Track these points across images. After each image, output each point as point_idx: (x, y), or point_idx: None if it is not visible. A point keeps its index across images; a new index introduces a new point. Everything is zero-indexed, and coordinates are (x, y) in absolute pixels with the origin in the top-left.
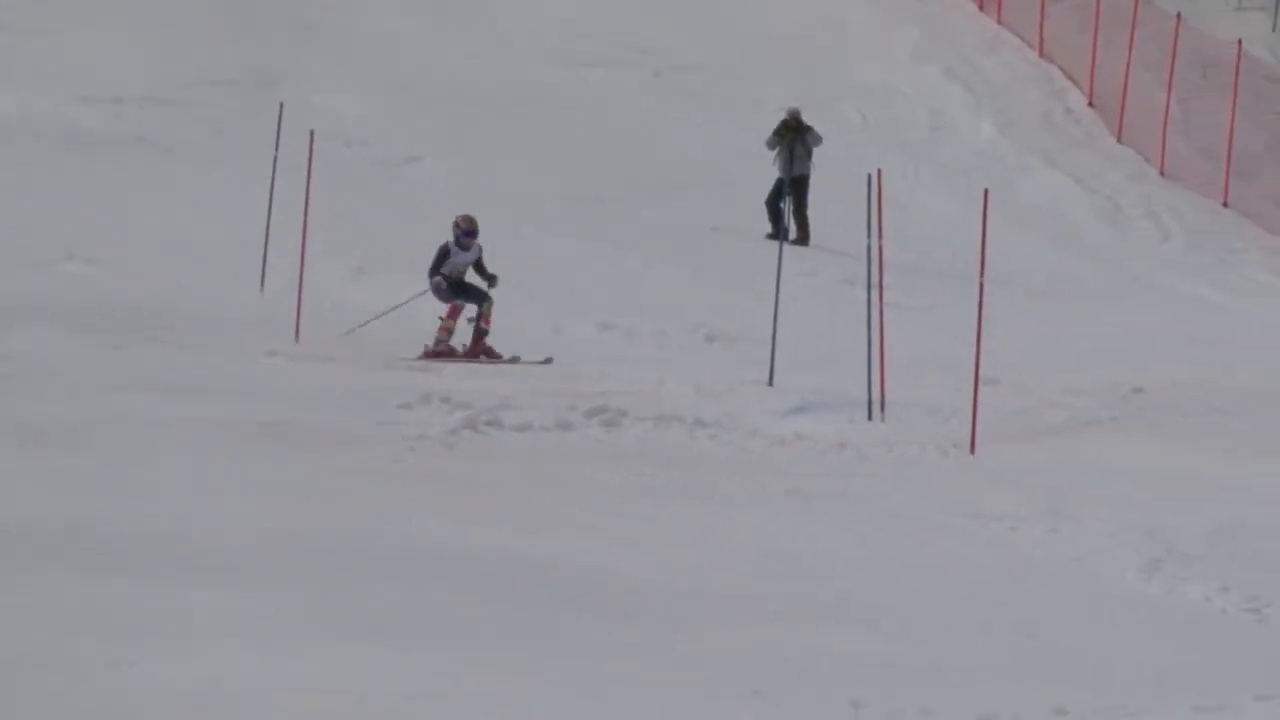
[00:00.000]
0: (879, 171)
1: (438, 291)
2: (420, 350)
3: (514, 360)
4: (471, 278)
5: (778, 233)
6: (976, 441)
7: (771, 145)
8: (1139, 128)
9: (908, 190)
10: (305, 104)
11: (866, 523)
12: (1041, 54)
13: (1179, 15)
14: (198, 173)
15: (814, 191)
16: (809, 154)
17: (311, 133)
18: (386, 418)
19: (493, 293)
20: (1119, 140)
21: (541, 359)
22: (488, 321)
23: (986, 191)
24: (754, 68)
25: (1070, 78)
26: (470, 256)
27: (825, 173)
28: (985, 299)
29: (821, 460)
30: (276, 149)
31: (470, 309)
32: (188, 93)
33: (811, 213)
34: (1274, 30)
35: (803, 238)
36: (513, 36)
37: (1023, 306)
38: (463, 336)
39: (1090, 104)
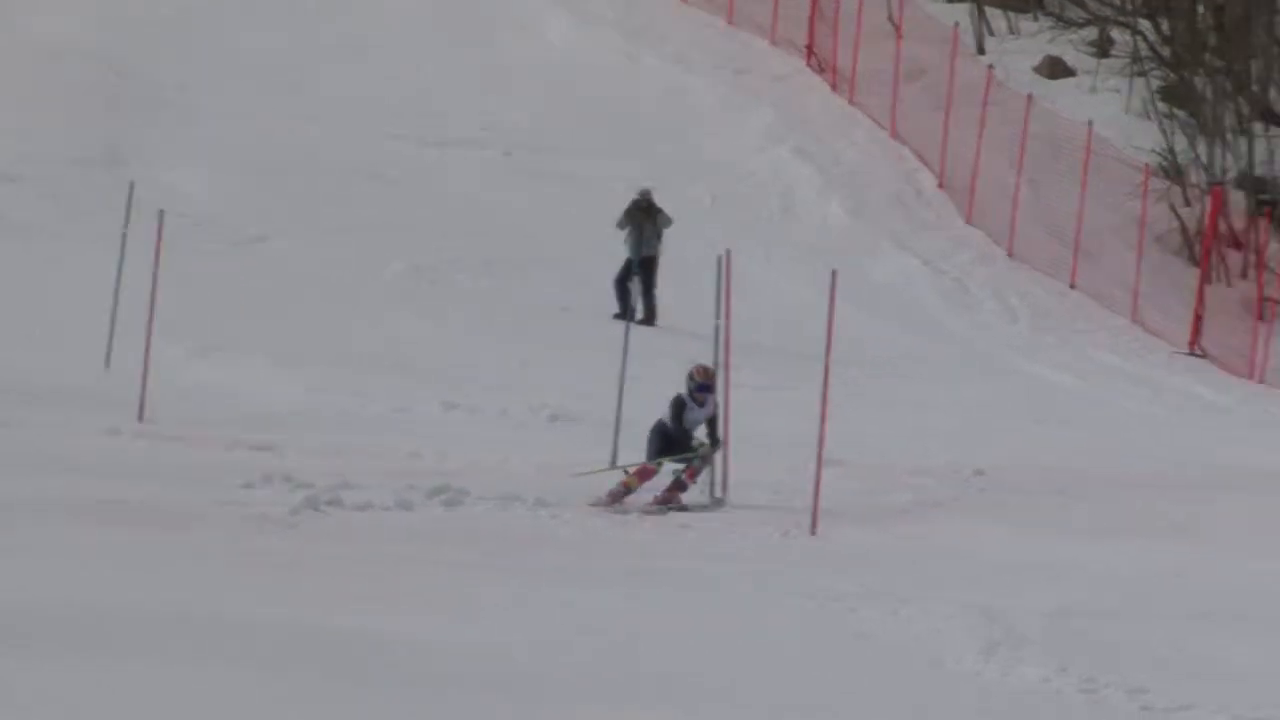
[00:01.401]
0: (728, 253)
1: (651, 445)
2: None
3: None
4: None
5: (624, 312)
6: (818, 522)
7: (621, 225)
8: (988, 209)
9: (757, 271)
10: (154, 182)
11: (705, 603)
12: (894, 135)
13: (1030, 96)
14: (45, 250)
15: (662, 272)
16: (658, 235)
17: (161, 212)
18: (227, 497)
19: None
20: (968, 222)
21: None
22: (692, 477)
23: (835, 273)
24: (604, 147)
25: (922, 159)
26: (705, 413)
27: (674, 253)
28: (831, 379)
29: (663, 540)
30: (125, 227)
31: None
32: (37, 169)
33: (659, 293)
34: (1126, 112)
35: (649, 318)
36: (362, 114)
37: (869, 387)
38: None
39: (940, 186)
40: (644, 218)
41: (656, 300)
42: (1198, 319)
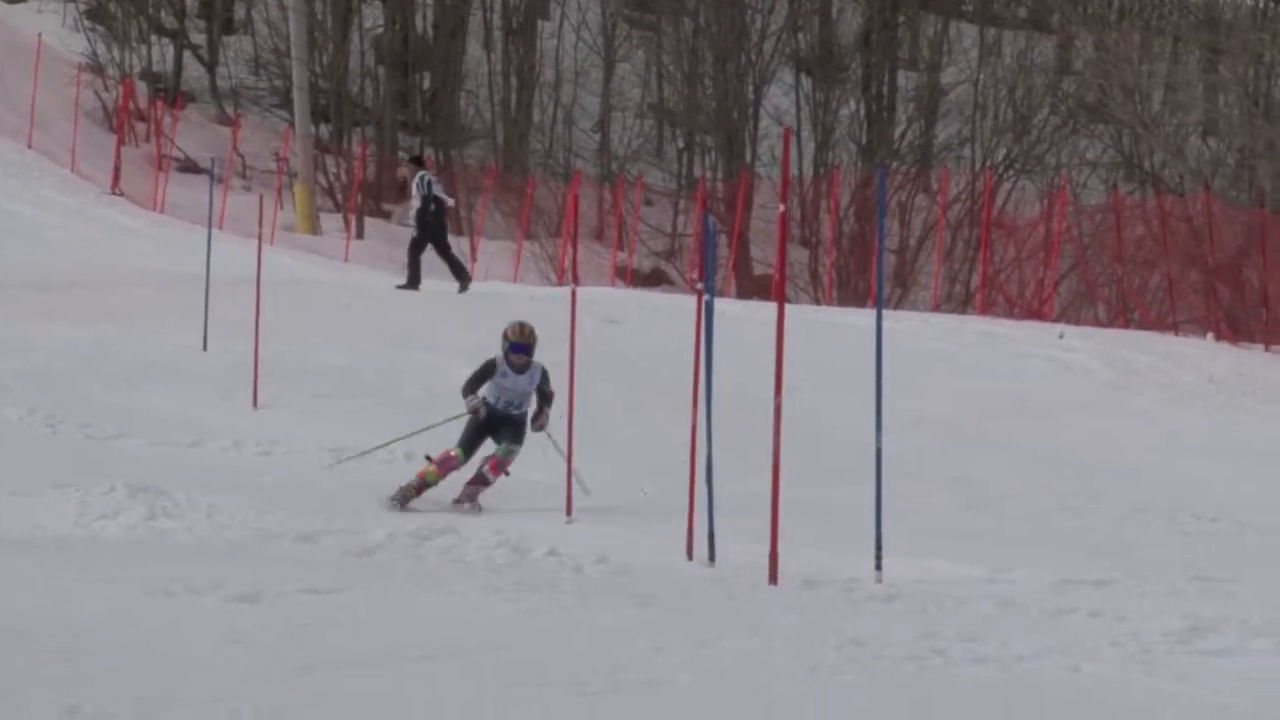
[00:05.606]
0: None
1: (475, 413)
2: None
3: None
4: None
5: None
6: None
7: None
8: None
9: None
10: None
11: None
12: None
13: None
14: None
15: None
16: None
17: None
18: None
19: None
20: None
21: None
22: (496, 470)
23: None
24: None
25: None
26: (524, 385)
27: None
28: None
29: None
30: None
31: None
32: None
33: None
34: (64, 26)
35: None
36: None
37: None
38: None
39: None
40: None
41: None
42: (116, 170)
